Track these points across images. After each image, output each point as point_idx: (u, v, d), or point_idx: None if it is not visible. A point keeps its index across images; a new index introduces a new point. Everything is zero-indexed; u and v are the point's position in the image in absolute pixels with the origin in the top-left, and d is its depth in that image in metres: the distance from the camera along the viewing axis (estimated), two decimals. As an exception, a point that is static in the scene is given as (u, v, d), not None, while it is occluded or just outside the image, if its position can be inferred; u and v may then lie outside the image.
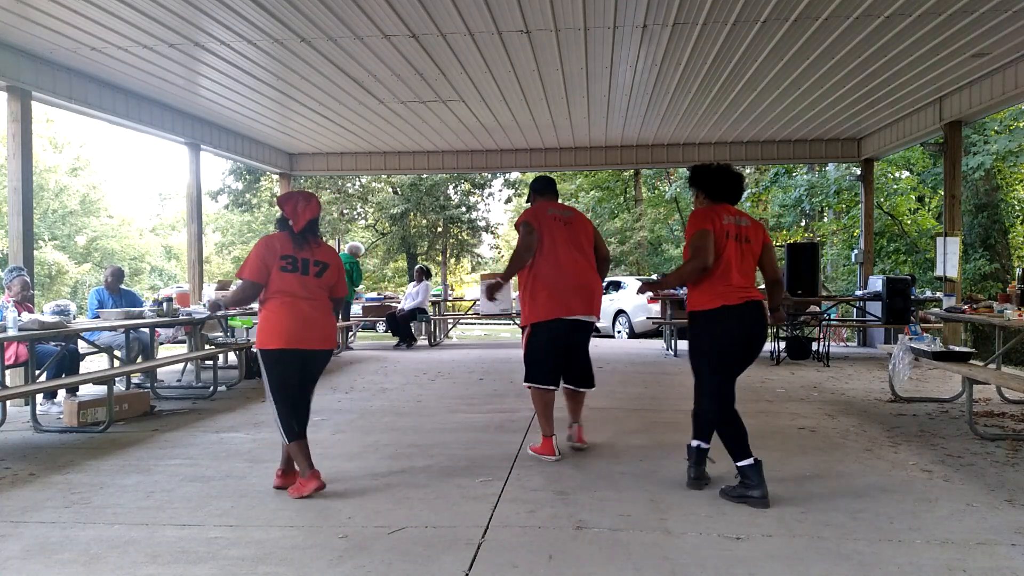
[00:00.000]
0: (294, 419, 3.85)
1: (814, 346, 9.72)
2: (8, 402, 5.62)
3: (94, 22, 6.23)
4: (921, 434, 5.20)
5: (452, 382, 7.89)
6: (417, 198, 25.34)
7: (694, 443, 3.91)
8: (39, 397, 6.14)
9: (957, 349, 6.32)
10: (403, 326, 12.18)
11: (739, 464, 3.64)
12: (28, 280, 6.46)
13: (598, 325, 16.35)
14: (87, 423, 5.62)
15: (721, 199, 3.88)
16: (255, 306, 4.14)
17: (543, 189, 4.91)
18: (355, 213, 28.22)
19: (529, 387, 4.60)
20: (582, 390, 4.77)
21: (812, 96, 8.90)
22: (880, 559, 2.96)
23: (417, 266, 13.25)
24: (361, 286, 15.49)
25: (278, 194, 14.26)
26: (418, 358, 10.40)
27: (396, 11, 6.04)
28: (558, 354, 4.58)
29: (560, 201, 5.02)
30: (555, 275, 4.50)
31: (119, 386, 6.57)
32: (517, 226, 4.70)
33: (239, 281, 3.91)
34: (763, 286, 4.06)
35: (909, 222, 18.43)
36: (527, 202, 5.07)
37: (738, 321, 3.69)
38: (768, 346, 9.68)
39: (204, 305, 8.45)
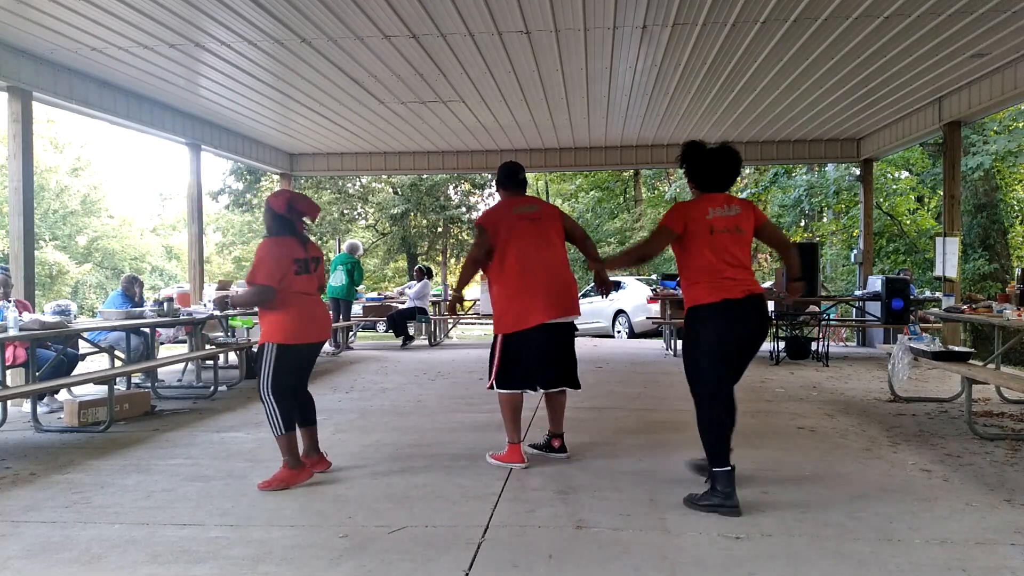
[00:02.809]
0: (295, 411, 4.15)
1: (813, 346, 9.73)
2: (8, 402, 5.63)
3: (95, 22, 6.23)
4: (920, 434, 5.21)
5: (452, 382, 7.90)
6: (417, 198, 25.34)
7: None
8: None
9: (956, 349, 6.33)
10: (401, 324, 12.18)
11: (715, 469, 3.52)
12: (7, 277, 6.33)
13: (599, 324, 16.43)
14: (88, 423, 5.63)
15: (711, 189, 3.73)
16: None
17: (504, 181, 4.55)
18: (355, 213, 28.23)
19: (499, 392, 4.38)
20: (564, 390, 4.47)
21: (812, 96, 8.91)
22: (879, 559, 2.97)
23: (416, 266, 13.24)
24: (361, 286, 15.49)
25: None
26: (418, 358, 10.41)
27: (396, 11, 6.04)
28: (539, 356, 4.30)
29: (529, 193, 4.66)
30: (527, 279, 4.25)
31: (120, 386, 6.57)
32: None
33: (250, 285, 4.04)
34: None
35: (908, 222, 18.44)
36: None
37: (739, 315, 3.58)
38: (767, 346, 9.68)
39: (207, 304, 8.47)
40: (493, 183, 27.83)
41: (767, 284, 11.80)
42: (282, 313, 4.02)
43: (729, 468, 3.50)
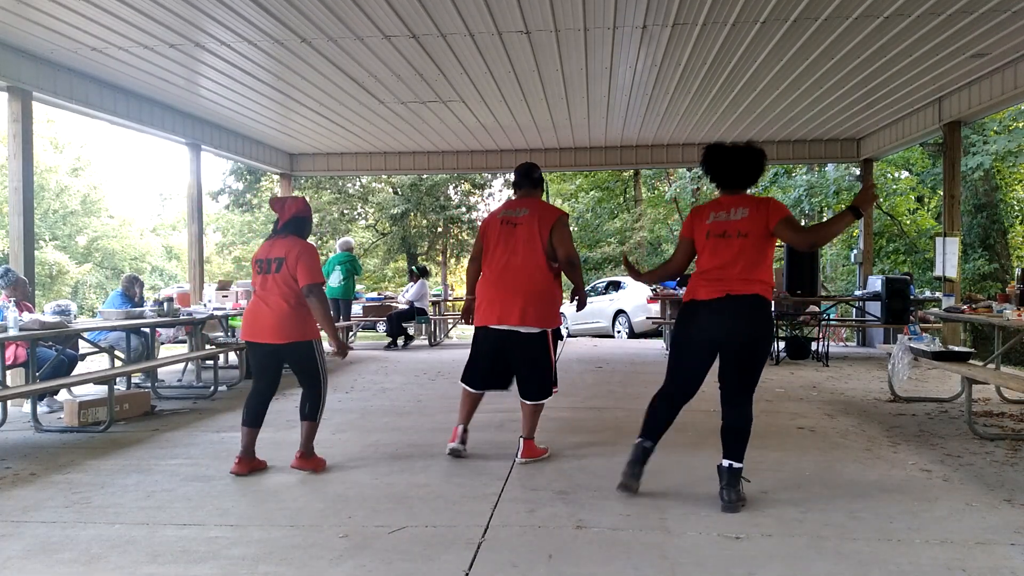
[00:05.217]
0: (249, 404, 4.29)
1: (813, 346, 9.73)
2: (8, 402, 5.63)
3: (94, 22, 6.23)
4: (920, 434, 5.21)
5: (452, 382, 7.89)
6: (417, 198, 25.32)
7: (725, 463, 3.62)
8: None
9: (956, 349, 6.33)
10: (398, 325, 12.18)
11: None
12: (23, 279, 6.36)
13: (599, 324, 16.41)
14: (88, 423, 5.63)
15: (726, 187, 3.77)
16: None
17: (518, 181, 4.59)
18: (355, 213, 28.22)
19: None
20: (526, 401, 4.43)
21: (812, 96, 8.91)
22: (880, 559, 2.97)
23: (411, 267, 13.23)
24: (361, 285, 15.47)
25: (279, 195, 14.32)
26: (418, 358, 10.41)
27: (396, 11, 6.04)
28: (487, 360, 4.49)
29: (541, 194, 4.64)
30: (485, 284, 4.43)
31: (120, 386, 6.57)
32: None
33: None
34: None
35: (908, 222, 18.45)
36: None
37: (703, 316, 3.60)
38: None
39: (206, 304, 8.49)
40: (493, 183, 27.99)
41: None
42: None
43: (638, 440, 3.72)
